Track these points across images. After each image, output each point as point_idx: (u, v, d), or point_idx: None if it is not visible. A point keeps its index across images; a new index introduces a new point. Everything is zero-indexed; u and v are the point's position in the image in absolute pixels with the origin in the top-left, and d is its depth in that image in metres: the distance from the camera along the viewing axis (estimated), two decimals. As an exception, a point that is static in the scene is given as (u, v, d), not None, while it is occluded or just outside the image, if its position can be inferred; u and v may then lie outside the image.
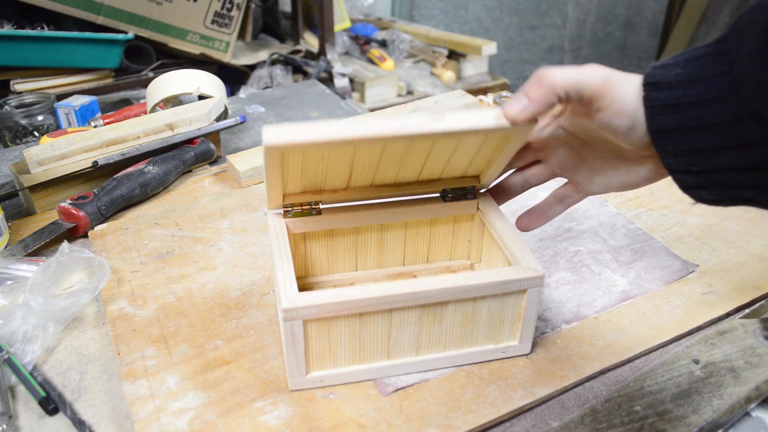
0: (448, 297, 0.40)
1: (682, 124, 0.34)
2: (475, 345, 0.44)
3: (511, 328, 0.44)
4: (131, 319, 0.49)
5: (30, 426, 0.41)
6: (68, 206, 0.61)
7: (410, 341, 0.42)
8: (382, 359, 0.43)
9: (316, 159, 0.41)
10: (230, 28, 1.42)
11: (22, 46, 1.17)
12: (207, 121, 0.77)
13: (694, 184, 0.36)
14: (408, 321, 0.41)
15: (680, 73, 0.34)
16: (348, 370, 0.42)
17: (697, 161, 0.35)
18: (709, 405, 0.41)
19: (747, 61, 0.32)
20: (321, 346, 0.41)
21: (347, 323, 0.40)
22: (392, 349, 0.42)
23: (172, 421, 0.40)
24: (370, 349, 0.42)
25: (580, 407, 0.42)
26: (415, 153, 0.42)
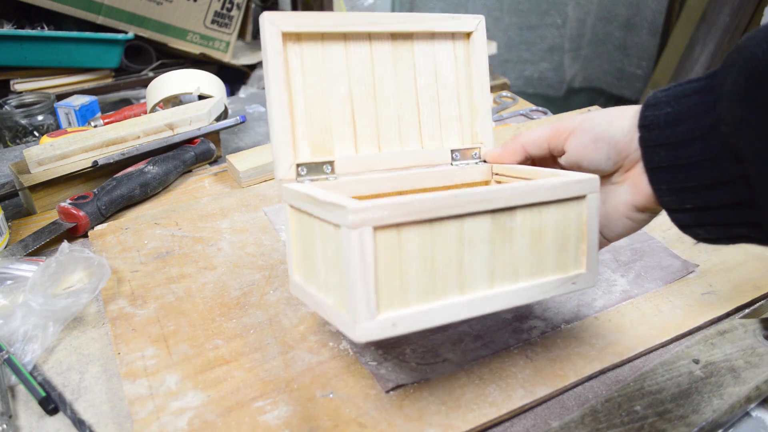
0: (517, 200, 0.37)
1: (673, 162, 0.36)
2: (546, 274, 0.40)
3: (576, 251, 0.41)
4: (131, 318, 0.49)
5: (30, 426, 0.41)
6: (68, 206, 0.61)
7: (482, 267, 0.37)
8: (455, 294, 0.36)
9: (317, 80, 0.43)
10: (230, 28, 1.42)
11: (22, 46, 1.17)
12: (207, 121, 0.77)
13: (690, 222, 0.37)
14: (479, 235, 0.36)
15: (669, 112, 0.36)
16: (421, 310, 0.35)
17: (688, 199, 0.36)
18: (709, 405, 0.41)
19: (726, 100, 0.33)
20: (391, 271, 0.34)
21: (418, 235, 0.34)
22: (465, 277, 0.37)
23: (172, 420, 0.40)
24: (442, 276, 0.36)
25: (580, 407, 0.42)
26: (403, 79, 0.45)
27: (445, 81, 0.48)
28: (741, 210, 0.34)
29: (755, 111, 0.31)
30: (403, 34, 0.46)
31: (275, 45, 0.41)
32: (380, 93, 0.46)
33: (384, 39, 0.45)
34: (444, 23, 0.47)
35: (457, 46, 0.48)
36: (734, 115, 0.32)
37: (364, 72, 0.45)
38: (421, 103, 0.47)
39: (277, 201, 0.67)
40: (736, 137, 0.32)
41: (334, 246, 0.35)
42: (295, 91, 0.43)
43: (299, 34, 0.42)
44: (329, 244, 0.36)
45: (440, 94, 0.48)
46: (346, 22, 0.43)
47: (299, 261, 0.41)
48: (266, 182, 0.72)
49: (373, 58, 0.45)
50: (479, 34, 0.48)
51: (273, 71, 0.41)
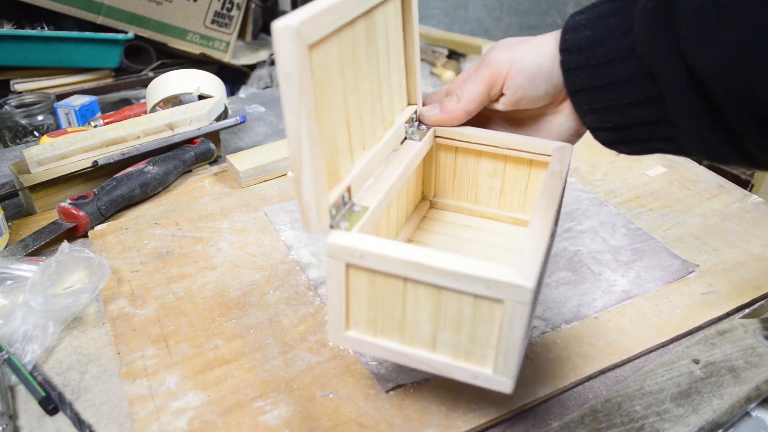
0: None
1: (594, 83, 0.37)
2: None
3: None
4: (131, 318, 0.49)
5: (30, 426, 0.41)
6: (68, 206, 0.61)
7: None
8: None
9: None
10: (230, 28, 1.42)
11: (22, 46, 1.17)
12: (207, 121, 0.77)
13: (612, 139, 0.39)
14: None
15: (589, 35, 0.37)
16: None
17: (609, 118, 0.37)
18: (709, 405, 0.41)
19: (638, 22, 0.34)
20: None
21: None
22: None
23: (171, 420, 0.40)
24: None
25: (580, 407, 0.42)
26: None
27: (393, 47, 0.44)
28: (657, 126, 0.36)
29: (665, 32, 0.32)
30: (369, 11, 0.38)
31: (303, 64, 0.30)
32: (361, 81, 0.39)
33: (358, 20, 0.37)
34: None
35: (396, 4, 0.43)
36: (647, 36, 0.33)
37: (351, 59, 0.37)
38: (382, 79, 0.43)
39: (277, 201, 0.67)
40: (650, 58, 0.33)
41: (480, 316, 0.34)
42: None
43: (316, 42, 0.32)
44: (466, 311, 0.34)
45: (391, 62, 0.44)
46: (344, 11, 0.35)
47: (360, 316, 0.37)
48: (266, 182, 0.72)
49: (355, 41, 0.37)
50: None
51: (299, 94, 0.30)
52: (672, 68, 0.32)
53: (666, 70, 0.33)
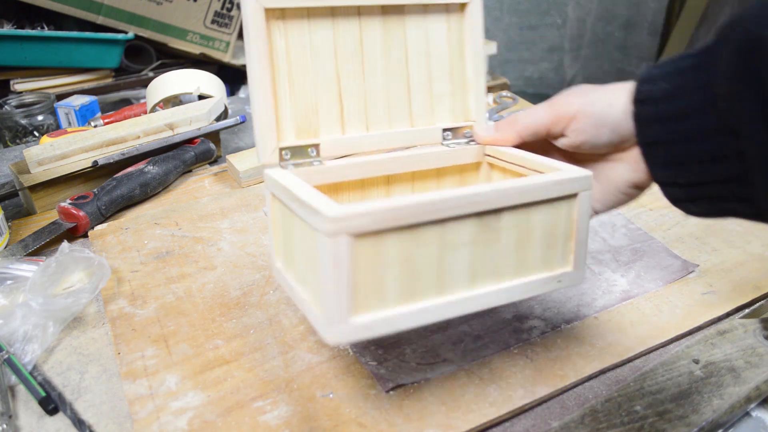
0: (505, 201, 0.35)
1: (668, 137, 0.36)
2: (530, 273, 0.38)
3: (564, 249, 0.39)
4: (131, 318, 0.49)
5: (30, 426, 0.41)
6: (68, 206, 0.61)
7: (464, 268, 0.36)
8: (434, 295, 0.35)
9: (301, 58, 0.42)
10: (230, 28, 1.42)
11: (22, 46, 1.17)
12: (207, 121, 0.77)
13: (682, 197, 0.37)
14: (462, 238, 0.35)
15: (666, 88, 0.36)
16: (398, 313, 0.34)
17: (682, 174, 0.36)
18: (709, 405, 0.41)
19: (722, 77, 0.33)
20: (368, 276, 0.33)
21: (398, 241, 0.33)
22: (446, 279, 0.35)
23: (171, 420, 0.40)
24: (422, 278, 0.34)
25: (580, 407, 0.42)
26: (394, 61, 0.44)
27: (438, 56, 0.46)
28: (733, 185, 0.34)
29: (750, 88, 0.31)
30: (394, 7, 0.44)
31: (257, 23, 0.39)
32: (369, 71, 0.44)
33: (374, 14, 0.43)
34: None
35: (451, 19, 0.46)
36: (730, 91, 0.32)
37: (353, 49, 0.43)
38: (412, 81, 0.45)
39: (277, 201, 0.67)
40: (733, 113, 0.32)
41: (312, 246, 0.34)
42: (278, 72, 0.41)
43: (283, 10, 0.40)
44: (308, 243, 0.35)
45: (432, 70, 0.46)
46: None
47: (280, 247, 0.40)
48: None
49: (362, 34, 0.43)
50: (475, 6, 0.45)
51: (255, 51, 0.39)
52: (756, 123, 0.31)
53: (749, 126, 0.31)
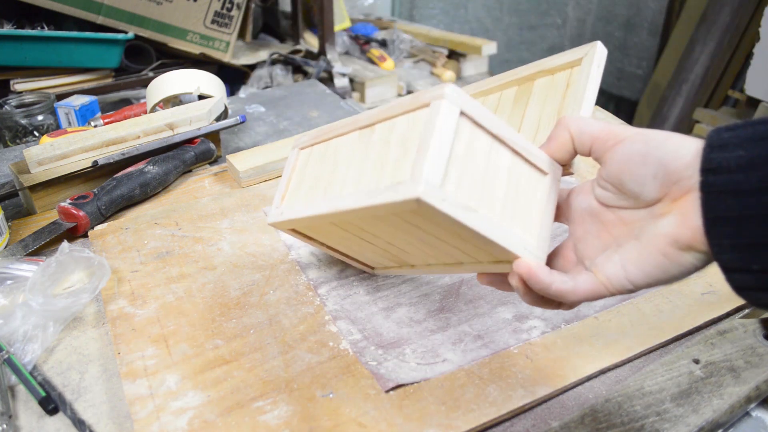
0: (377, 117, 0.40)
1: (742, 213, 0.30)
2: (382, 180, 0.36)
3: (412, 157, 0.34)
4: (131, 318, 0.49)
5: (30, 426, 0.41)
6: (68, 206, 0.61)
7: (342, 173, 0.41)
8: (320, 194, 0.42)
9: None
10: (230, 28, 1.42)
11: (22, 46, 1.17)
12: (207, 120, 0.77)
13: (753, 285, 0.31)
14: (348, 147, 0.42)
15: (743, 155, 0.30)
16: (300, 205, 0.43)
17: (757, 258, 0.30)
18: (709, 405, 0.41)
19: None
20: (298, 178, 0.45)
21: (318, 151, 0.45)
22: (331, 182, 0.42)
23: (172, 420, 0.40)
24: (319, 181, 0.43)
25: (580, 407, 0.42)
26: None
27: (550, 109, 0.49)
28: None
29: None
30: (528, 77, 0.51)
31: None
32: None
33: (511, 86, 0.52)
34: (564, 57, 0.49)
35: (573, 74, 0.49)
36: None
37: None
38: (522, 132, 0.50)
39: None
40: None
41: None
42: None
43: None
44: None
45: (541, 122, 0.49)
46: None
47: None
48: (266, 182, 0.72)
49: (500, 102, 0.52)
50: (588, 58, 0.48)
51: None
52: None
53: None
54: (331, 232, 0.46)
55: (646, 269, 0.33)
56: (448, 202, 0.33)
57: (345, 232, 0.44)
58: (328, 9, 1.50)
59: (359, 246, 0.47)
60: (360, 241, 0.45)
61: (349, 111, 0.98)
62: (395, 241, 0.42)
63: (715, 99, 2.02)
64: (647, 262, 0.33)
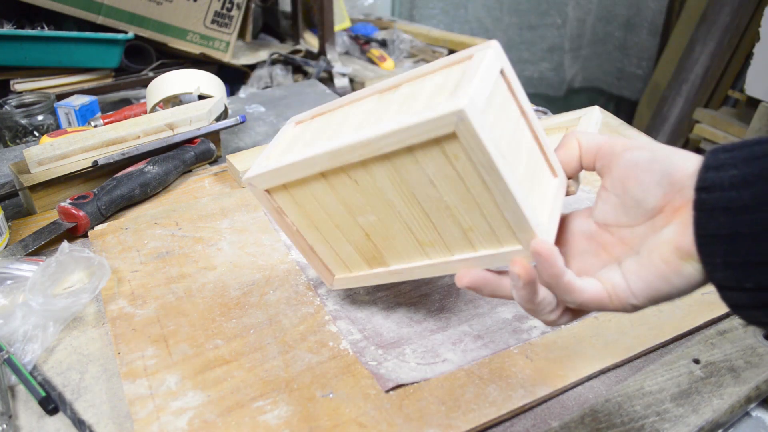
0: None
1: (734, 230, 0.29)
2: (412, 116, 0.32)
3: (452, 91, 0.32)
4: (131, 318, 0.49)
5: (30, 426, 0.41)
6: (68, 206, 0.61)
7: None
8: None
9: None
10: (230, 28, 1.42)
11: (22, 46, 1.17)
12: (207, 120, 0.77)
13: (747, 303, 0.31)
14: None
15: (736, 175, 0.30)
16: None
17: (750, 276, 0.30)
18: (709, 405, 0.41)
19: None
20: None
21: None
22: None
23: (172, 420, 0.40)
24: None
25: (580, 407, 0.42)
26: None
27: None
28: None
29: None
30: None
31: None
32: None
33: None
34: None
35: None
36: None
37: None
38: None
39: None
40: None
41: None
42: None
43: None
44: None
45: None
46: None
47: None
48: (266, 182, 0.72)
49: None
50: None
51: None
52: None
53: None
54: (312, 199, 0.41)
55: (648, 278, 0.33)
56: (487, 131, 0.30)
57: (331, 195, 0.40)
58: (328, 9, 1.50)
59: (338, 225, 0.42)
60: (343, 216, 0.41)
61: (349, 111, 0.98)
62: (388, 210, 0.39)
63: (715, 99, 2.02)
64: (649, 271, 0.33)
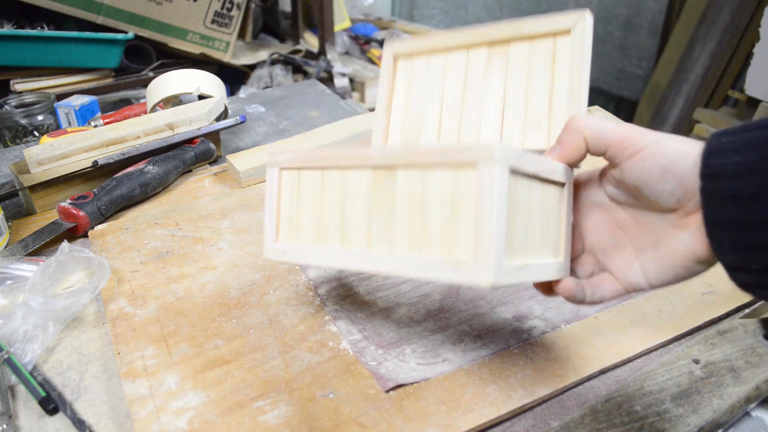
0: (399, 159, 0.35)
1: (741, 218, 0.31)
2: (426, 249, 0.35)
3: (467, 231, 0.33)
4: (131, 318, 0.49)
5: (30, 426, 0.41)
6: (68, 206, 0.61)
7: (361, 222, 0.38)
8: (336, 243, 0.39)
9: None
10: (230, 28, 1.42)
11: (22, 46, 1.17)
12: (207, 120, 0.77)
13: (754, 282, 0.33)
14: (360, 188, 0.38)
15: (739, 161, 0.31)
16: (305, 248, 0.41)
17: (756, 258, 0.31)
18: (709, 405, 0.41)
19: None
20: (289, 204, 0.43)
21: (311, 180, 0.41)
22: (345, 227, 0.39)
23: (172, 420, 0.40)
24: (325, 217, 0.40)
25: (580, 407, 0.42)
26: None
27: (537, 84, 0.44)
28: None
29: None
30: (501, 41, 0.46)
31: (387, 64, 0.52)
32: (467, 102, 0.48)
33: (481, 46, 0.46)
34: (545, 23, 0.42)
35: (558, 45, 0.42)
36: None
37: (459, 80, 0.48)
38: (507, 110, 0.46)
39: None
40: None
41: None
42: (397, 101, 0.52)
43: (411, 54, 0.51)
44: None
45: (530, 97, 0.44)
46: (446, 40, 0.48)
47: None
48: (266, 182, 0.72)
49: (468, 66, 0.47)
50: (579, 31, 0.40)
51: (381, 83, 0.53)
52: None
53: None
54: None
55: (664, 277, 0.36)
56: (510, 275, 0.33)
57: None
58: (328, 9, 1.50)
59: None
60: None
61: (349, 111, 0.98)
62: None
63: (715, 99, 2.02)
64: (667, 272, 0.36)
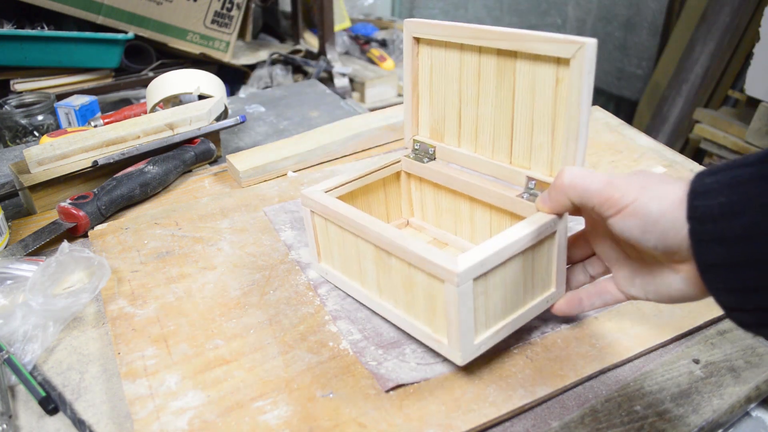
0: (390, 248, 0.43)
1: (730, 260, 0.31)
2: (417, 319, 0.44)
3: (442, 319, 0.41)
4: (131, 318, 0.49)
5: (30, 426, 0.41)
6: (68, 206, 0.61)
7: (372, 276, 0.47)
8: (357, 281, 0.49)
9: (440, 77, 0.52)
10: (230, 28, 1.42)
11: (22, 46, 1.17)
12: (207, 120, 0.77)
13: (753, 321, 0.32)
14: (367, 254, 0.46)
15: (724, 203, 0.31)
16: (339, 276, 0.51)
17: (750, 299, 0.31)
18: (709, 405, 0.41)
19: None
20: (323, 237, 0.51)
21: (337, 228, 0.48)
22: (363, 274, 0.48)
23: (172, 420, 0.40)
24: (349, 261, 0.49)
25: (580, 407, 0.42)
26: None
27: (542, 106, 0.45)
28: None
29: None
30: (508, 52, 0.46)
31: (408, 45, 0.53)
32: (482, 100, 0.49)
33: (491, 53, 0.47)
34: (546, 46, 0.42)
35: (560, 71, 0.43)
36: None
37: (472, 80, 0.49)
38: (516, 122, 0.47)
39: (277, 201, 0.67)
40: None
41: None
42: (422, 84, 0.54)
43: (430, 41, 0.51)
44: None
45: (535, 118, 0.46)
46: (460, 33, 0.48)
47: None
48: (266, 182, 0.72)
49: (480, 69, 0.49)
50: (578, 62, 0.41)
51: (406, 66, 0.54)
52: None
53: None
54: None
55: (662, 300, 0.39)
56: (482, 347, 0.42)
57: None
58: (328, 9, 1.50)
59: None
60: None
61: (350, 111, 0.98)
62: None
63: (715, 99, 2.02)
64: (664, 299, 0.39)
